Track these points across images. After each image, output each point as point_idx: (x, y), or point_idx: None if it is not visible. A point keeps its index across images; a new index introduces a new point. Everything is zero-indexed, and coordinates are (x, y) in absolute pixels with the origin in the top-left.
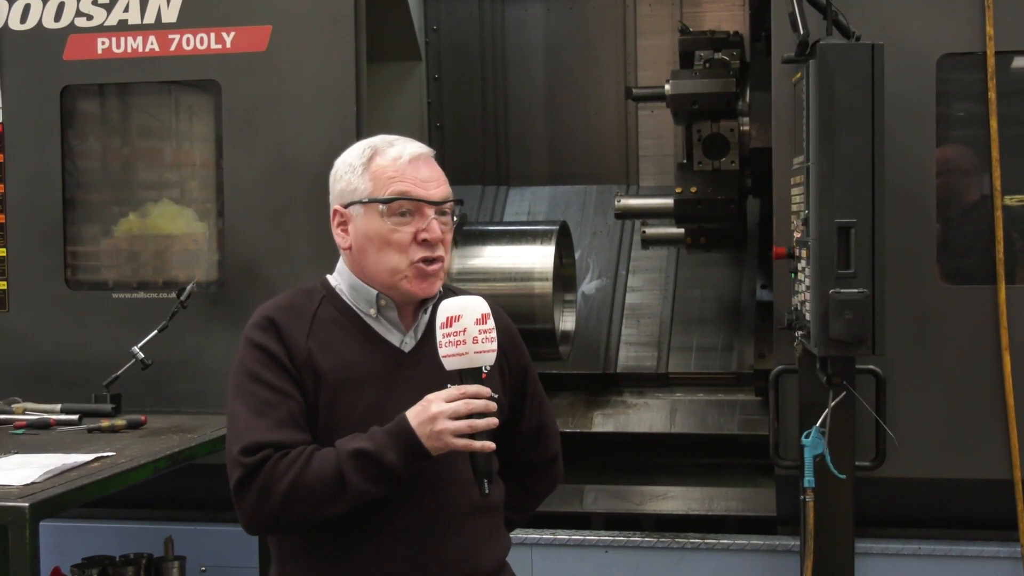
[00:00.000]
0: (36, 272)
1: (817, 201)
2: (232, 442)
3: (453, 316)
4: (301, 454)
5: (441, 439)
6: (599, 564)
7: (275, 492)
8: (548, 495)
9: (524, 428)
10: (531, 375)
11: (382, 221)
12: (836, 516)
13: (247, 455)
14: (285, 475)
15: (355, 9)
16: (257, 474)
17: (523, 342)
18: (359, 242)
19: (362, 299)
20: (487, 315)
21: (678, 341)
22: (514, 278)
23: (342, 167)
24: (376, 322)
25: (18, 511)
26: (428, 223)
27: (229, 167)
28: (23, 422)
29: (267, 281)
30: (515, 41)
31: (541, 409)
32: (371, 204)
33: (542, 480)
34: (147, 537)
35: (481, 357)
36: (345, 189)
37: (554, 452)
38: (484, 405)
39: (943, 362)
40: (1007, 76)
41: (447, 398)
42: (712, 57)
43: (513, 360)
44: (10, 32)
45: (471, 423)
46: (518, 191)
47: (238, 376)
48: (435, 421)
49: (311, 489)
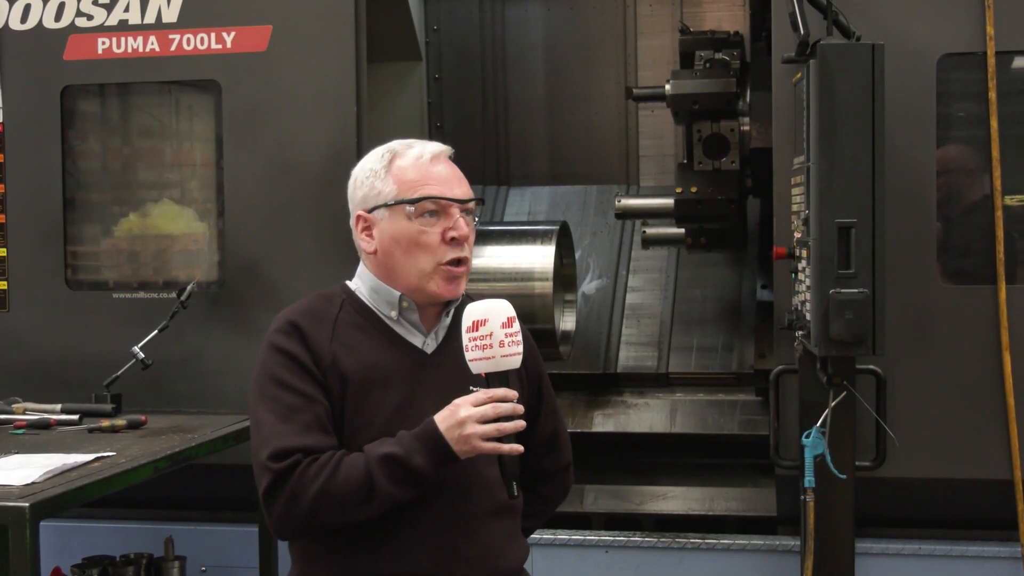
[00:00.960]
0: (36, 272)
1: (817, 201)
2: (259, 447)
3: (479, 320)
4: (330, 459)
5: (470, 443)
6: (599, 564)
7: (305, 497)
8: (559, 503)
9: (538, 435)
10: (546, 382)
11: (409, 223)
12: (836, 516)
13: (276, 460)
14: (315, 480)
15: (355, 9)
16: (287, 480)
17: (537, 349)
18: (385, 245)
19: (384, 301)
20: (513, 318)
21: (678, 341)
22: (514, 278)
23: (362, 173)
24: (397, 324)
25: (18, 511)
26: (455, 222)
27: (229, 167)
28: (23, 422)
29: (267, 281)
30: (515, 41)
31: (555, 417)
32: (397, 206)
33: (554, 488)
34: (147, 537)
35: (507, 360)
36: (368, 194)
37: (567, 460)
38: (511, 408)
39: (943, 362)
40: (1007, 76)
41: (475, 402)
42: (712, 57)
43: (531, 367)
44: (10, 32)
45: (499, 427)
46: (518, 191)
47: (262, 381)
48: (463, 425)
49: (341, 494)
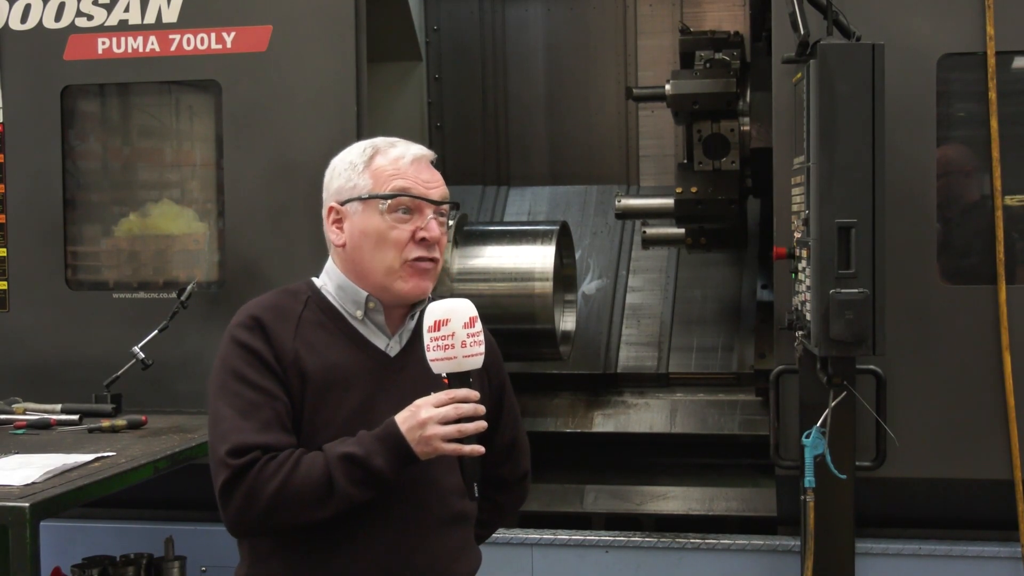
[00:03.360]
0: (36, 272)
1: (818, 201)
2: (217, 442)
3: (441, 320)
4: (289, 457)
5: (430, 444)
6: (599, 564)
7: (263, 495)
8: (514, 512)
9: (497, 443)
10: (508, 390)
11: (381, 218)
12: (836, 516)
13: (234, 457)
14: (273, 478)
15: (355, 9)
16: (244, 477)
17: (502, 358)
18: (354, 239)
19: (350, 300)
20: (475, 318)
21: (678, 341)
22: (514, 278)
23: (341, 164)
24: (362, 324)
25: (19, 511)
26: (427, 222)
27: (229, 167)
28: (23, 422)
29: (267, 281)
30: (515, 41)
31: (515, 425)
32: (371, 201)
33: (510, 496)
34: (148, 537)
35: (469, 361)
36: (343, 186)
37: (524, 469)
38: (473, 409)
39: (943, 362)
40: (1007, 76)
41: (436, 403)
42: (713, 57)
43: (494, 374)
44: (10, 32)
45: (460, 427)
46: (518, 191)
47: (222, 375)
48: (424, 426)
49: (299, 493)
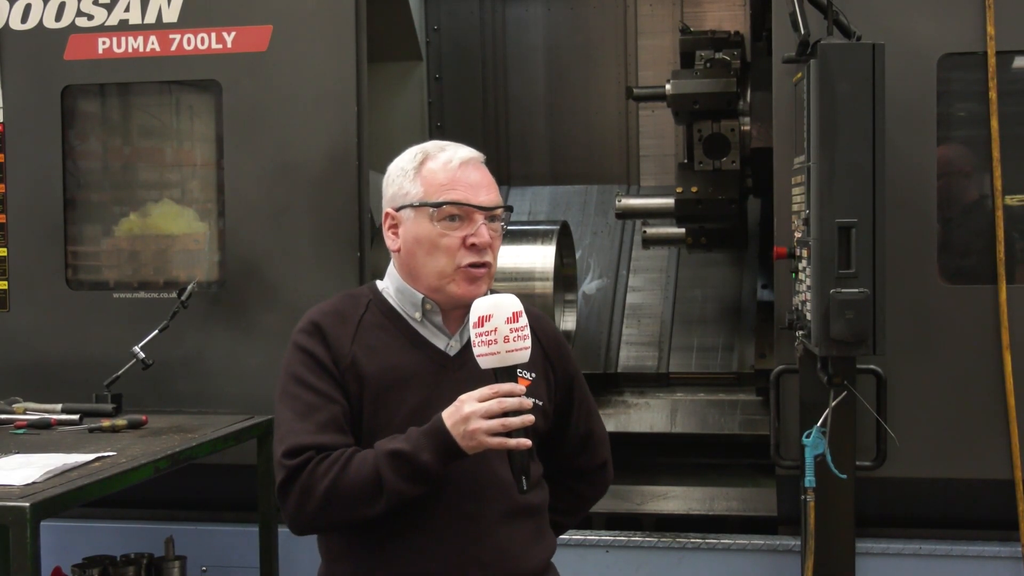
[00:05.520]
0: (37, 272)
1: (818, 201)
2: (277, 444)
3: (484, 316)
4: (341, 456)
5: (475, 438)
6: (600, 564)
7: (315, 493)
8: (597, 500)
9: (571, 435)
10: (578, 382)
11: (432, 225)
12: (837, 516)
13: (289, 457)
14: (325, 476)
15: (356, 9)
16: (298, 476)
17: (570, 351)
18: (408, 245)
19: (408, 303)
20: (519, 313)
21: (679, 341)
22: (515, 278)
23: (395, 171)
24: (421, 326)
25: (19, 511)
26: (477, 228)
27: (230, 167)
28: (24, 422)
29: (267, 281)
30: (515, 41)
31: (590, 417)
32: (421, 208)
33: (590, 485)
34: (148, 537)
35: (513, 356)
36: (397, 193)
37: (603, 459)
38: (517, 403)
39: (943, 362)
40: (1008, 76)
41: (480, 397)
42: (713, 57)
43: (559, 367)
44: (11, 32)
45: (504, 422)
46: (519, 191)
47: (284, 379)
48: (468, 421)
49: (350, 490)
